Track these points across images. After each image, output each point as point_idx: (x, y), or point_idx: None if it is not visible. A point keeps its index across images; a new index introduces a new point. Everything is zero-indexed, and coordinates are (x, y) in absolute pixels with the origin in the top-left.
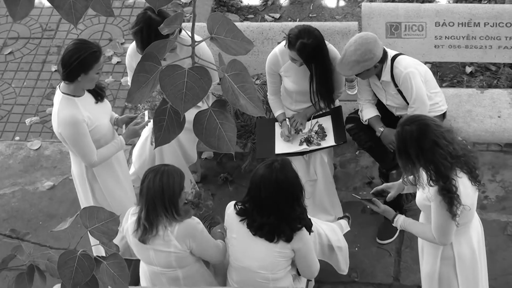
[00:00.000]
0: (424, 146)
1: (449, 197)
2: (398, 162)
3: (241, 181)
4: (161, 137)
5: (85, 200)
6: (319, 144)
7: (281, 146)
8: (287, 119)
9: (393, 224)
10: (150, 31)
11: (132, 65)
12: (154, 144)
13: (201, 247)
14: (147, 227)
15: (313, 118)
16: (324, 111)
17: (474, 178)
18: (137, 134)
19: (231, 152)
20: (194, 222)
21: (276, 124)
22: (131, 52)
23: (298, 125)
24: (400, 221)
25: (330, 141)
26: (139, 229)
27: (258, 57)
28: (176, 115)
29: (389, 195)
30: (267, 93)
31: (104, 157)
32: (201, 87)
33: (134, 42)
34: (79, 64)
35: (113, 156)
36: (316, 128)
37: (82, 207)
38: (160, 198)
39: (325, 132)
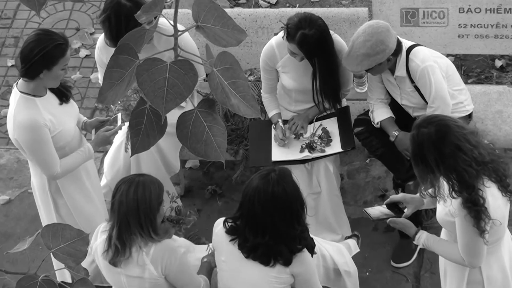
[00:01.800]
0: (445, 151)
1: (475, 210)
2: (415, 171)
3: (231, 195)
4: (138, 143)
5: (47, 217)
6: (323, 151)
7: (278, 153)
8: (279, 121)
9: (414, 242)
10: (119, 19)
11: (103, 60)
12: (129, 151)
13: (177, 277)
14: (119, 247)
15: (315, 121)
16: (328, 112)
17: (504, 187)
18: (108, 141)
19: (220, 160)
20: (175, 244)
21: (273, 127)
22: (101, 44)
23: (299, 128)
24: (423, 238)
25: (336, 147)
26: (110, 249)
27: (251, 49)
28: (156, 117)
29: (405, 212)
30: (261, 91)
31: (68, 168)
32: (185, 84)
33: (103, 34)
34: (41, 58)
35: (80, 166)
36: (319, 132)
37: (43, 225)
38: (134, 214)
39: (330, 137)
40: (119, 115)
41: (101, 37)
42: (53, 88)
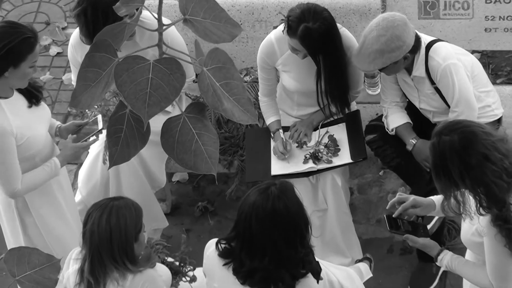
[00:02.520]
0: (470, 162)
1: (507, 228)
2: (436, 184)
3: (225, 212)
4: (117, 153)
5: (12, 238)
6: (330, 162)
7: (279, 165)
8: (280, 131)
9: (436, 263)
10: (96, 12)
11: (77, 59)
12: (108, 162)
13: None
14: (92, 282)
15: (321, 127)
16: (336, 117)
17: None
18: (76, 156)
19: (212, 172)
20: (155, 274)
21: (272, 137)
22: (75, 41)
23: (302, 136)
24: (447, 259)
25: (344, 157)
26: (82, 283)
27: (247, 46)
28: (138, 123)
29: (429, 226)
30: (259, 94)
31: (30, 186)
32: (171, 85)
33: (76, 30)
34: (6, 54)
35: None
36: (325, 140)
37: (8, 248)
38: (107, 246)
39: (337, 146)
40: (99, 116)
41: (75, 33)
42: (21, 89)
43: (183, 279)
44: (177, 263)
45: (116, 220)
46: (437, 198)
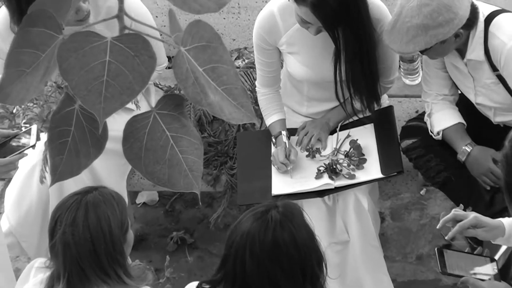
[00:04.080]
0: None
1: None
2: (510, 209)
3: (208, 246)
4: (62, 164)
5: None
6: (353, 177)
7: (283, 182)
8: (283, 134)
9: None
10: None
11: (3, 50)
12: (47, 180)
13: None
14: None
15: (340, 130)
16: (361, 116)
17: None
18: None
19: (194, 190)
20: None
21: (273, 141)
22: (3, 29)
23: (314, 142)
24: None
25: (372, 171)
26: None
27: (239, 19)
28: (91, 124)
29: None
30: (257, 84)
31: None
32: (137, 72)
33: (3, 12)
34: None
35: None
36: (346, 147)
37: None
38: (91, 258)
39: (363, 155)
40: (34, 126)
41: (1, 18)
42: None
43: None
44: None
45: (97, 221)
46: (508, 222)
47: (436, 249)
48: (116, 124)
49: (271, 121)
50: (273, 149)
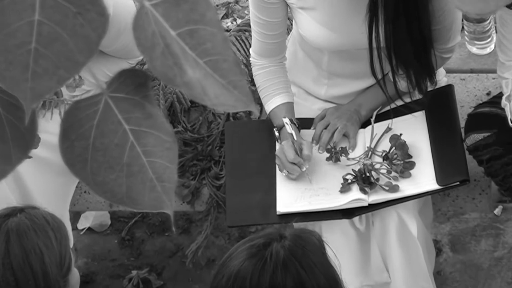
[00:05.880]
0: None
1: None
2: None
3: None
4: None
5: None
6: (395, 189)
7: (292, 195)
8: (287, 122)
9: None
10: None
11: None
12: None
13: None
14: None
15: (376, 121)
16: (408, 100)
17: None
18: None
19: (163, 210)
20: None
21: (276, 134)
22: None
23: (337, 138)
24: None
25: (423, 180)
26: None
27: None
28: (12, 113)
29: None
30: (251, 53)
31: None
32: (80, 36)
33: None
34: None
35: None
36: (385, 145)
37: None
38: None
39: (410, 157)
40: None
41: None
42: None
43: None
44: None
45: (23, 257)
46: None
47: None
48: (53, 124)
49: (273, 106)
50: (277, 146)
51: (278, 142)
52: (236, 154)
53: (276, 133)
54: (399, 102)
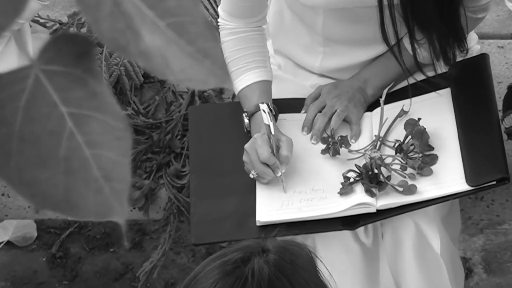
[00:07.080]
0: None
1: None
2: None
3: None
4: None
5: None
6: (412, 191)
7: (276, 201)
8: (264, 110)
9: None
10: None
11: None
12: None
13: None
14: None
15: (387, 102)
16: (429, 74)
17: None
18: None
19: (112, 219)
20: None
21: (245, 124)
22: None
23: (335, 124)
24: None
25: (449, 178)
26: None
27: None
28: None
29: None
30: (220, 12)
31: None
32: None
33: None
34: None
35: None
36: (399, 134)
37: None
38: None
39: (431, 148)
40: None
41: None
42: None
43: None
44: None
45: None
46: None
47: None
48: None
49: (243, 85)
50: (257, 140)
51: (247, 132)
52: (203, 146)
53: (246, 120)
54: (417, 77)
